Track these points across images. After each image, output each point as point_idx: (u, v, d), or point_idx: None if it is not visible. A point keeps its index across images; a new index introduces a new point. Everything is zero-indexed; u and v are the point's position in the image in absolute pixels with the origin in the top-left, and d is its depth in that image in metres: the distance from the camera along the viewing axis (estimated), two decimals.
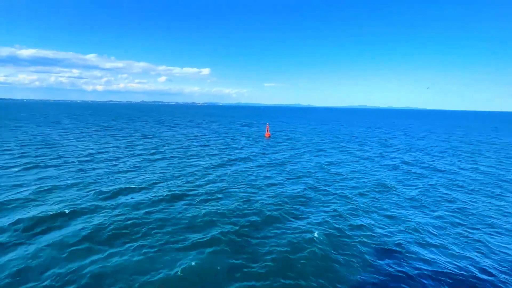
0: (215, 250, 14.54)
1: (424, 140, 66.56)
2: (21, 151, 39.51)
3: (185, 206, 20.37)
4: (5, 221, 17.30)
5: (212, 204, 21.05)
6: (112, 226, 16.62)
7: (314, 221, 18.58)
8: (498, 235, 17.46)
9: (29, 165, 31.14)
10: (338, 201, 22.58)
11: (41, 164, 31.78)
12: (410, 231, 17.56)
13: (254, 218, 18.76)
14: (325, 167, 34.81)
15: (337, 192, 24.93)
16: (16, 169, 29.75)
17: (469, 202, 23.11)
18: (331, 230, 17.24)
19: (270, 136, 65.06)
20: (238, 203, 21.24)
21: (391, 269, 13.56)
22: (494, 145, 58.59)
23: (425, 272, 13.38)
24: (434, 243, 16.15)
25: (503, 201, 23.60)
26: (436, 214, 20.55)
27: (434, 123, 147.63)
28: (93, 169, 30.52)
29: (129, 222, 17.34)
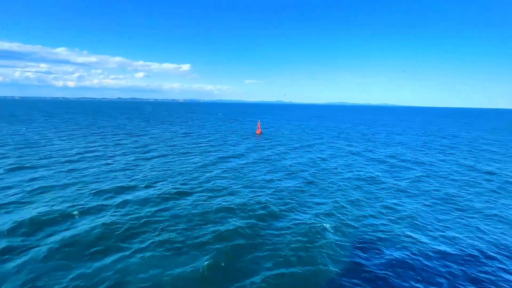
0: (235, 244, 14.95)
1: (403, 135, 70.73)
2: (0, 151, 36.84)
3: (195, 203, 20.46)
4: (4, 224, 16.41)
5: (221, 200, 21.32)
6: (127, 225, 16.41)
7: (322, 213, 19.54)
8: (486, 219, 19.49)
9: (13, 166, 29.27)
10: (339, 194, 23.78)
11: (27, 165, 29.96)
12: (410, 219, 19.07)
13: (265, 212, 19.34)
14: (319, 162, 36.15)
15: (335, 185, 26.17)
16: (0, 171, 27.86)
17: (455, 191, 25.35)
18: (340, 221, 18.29)
19: (261, 133, 65.71)
20: (246, 199, 21.67)
21: (400, 253, 14.81)
22: (465, 139, 63.79)
23: (430, 254, 14.78)
24: (433, 229, 17.74)
25: (482, 188, 26.17)
26: (428, 202, 22.41)
27: (411, 119, 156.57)
28: (87, 168, 29.37)
29: (143, 220, 17.19)
